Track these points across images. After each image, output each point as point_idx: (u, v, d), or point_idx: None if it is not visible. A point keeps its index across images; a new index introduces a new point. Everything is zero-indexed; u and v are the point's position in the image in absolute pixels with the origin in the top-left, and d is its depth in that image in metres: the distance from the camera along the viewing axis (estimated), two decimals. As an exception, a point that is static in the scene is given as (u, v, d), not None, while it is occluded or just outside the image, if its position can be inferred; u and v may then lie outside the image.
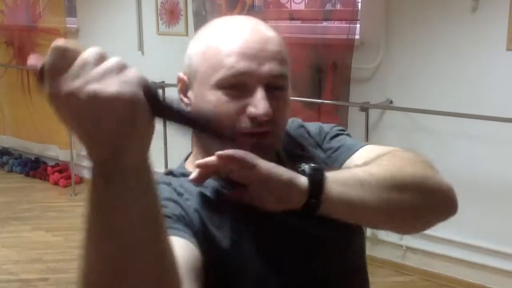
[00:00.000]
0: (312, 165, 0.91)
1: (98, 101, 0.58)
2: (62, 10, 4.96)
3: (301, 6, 3.80)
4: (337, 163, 1.04)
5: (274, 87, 0.95)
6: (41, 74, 0.61)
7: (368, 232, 3.51)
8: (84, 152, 0.62)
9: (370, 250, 3.56)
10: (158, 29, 4.42)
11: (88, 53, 0.60)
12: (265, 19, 0.98)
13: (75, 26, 5.00)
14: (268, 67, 0.93)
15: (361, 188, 0.89)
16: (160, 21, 4.39)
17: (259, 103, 0.91)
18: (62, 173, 5.25)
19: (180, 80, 1.02)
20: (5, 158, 5.69)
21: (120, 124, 0.60)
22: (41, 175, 5.35)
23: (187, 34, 4.23)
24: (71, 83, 0.59)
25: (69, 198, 4.91)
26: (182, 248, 0.81)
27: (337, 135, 1.09)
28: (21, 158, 5.70)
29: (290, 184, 0.88)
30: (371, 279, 1.16)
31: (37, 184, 5.27)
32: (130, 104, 0.59)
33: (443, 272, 3.38)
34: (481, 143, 3.17)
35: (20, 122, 5.56)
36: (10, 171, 5.58)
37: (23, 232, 4.18)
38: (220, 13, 3.91)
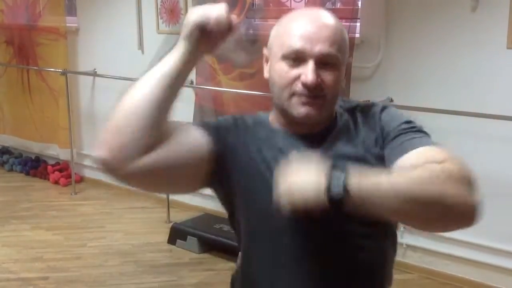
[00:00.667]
0: (339, 175, 1.03)
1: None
2: (62, 9, 4.96)
3: (301, 5, 3.80)
4: (389, 156, 1.21)
5: (325, 63, 1.18)
6: None
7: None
8: (84, 151, 0.65)
9: (371, 249, 3.55)
10: (158, 28, 4.42)
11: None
12: (277, 17, 1.29)
13: (75, 25, 5.00)
14: (318, 47, 1.18)
15: (379, 198, 1.03)
16: (160, 20, 4.39)
17: (308, 73, 1.17)
18: (62, 172, 5.25)
19: (264, 55, 1.31)
20: (5, 157, 5.69)
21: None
22: (41, 174, 5.35)
23: (187, 33, 4.22)
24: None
25: (69, 197, 4.91)
26: (195, 132, 1.22)
27: (404, 132, 1.25)
28: (21, 157, 5.70)
29: (314, 199, 1.03)
30: None
31: (37, 183, 5.27)
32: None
33: (444, 270, 3.39)
34: (482, 141, 3.17)
35: (20, 121, 5.56)
36: (10, 170, 5.58)
37: (23, 231, 4.18)
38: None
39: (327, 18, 1.23)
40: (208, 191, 1.69)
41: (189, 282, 3.41)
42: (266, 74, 1.29)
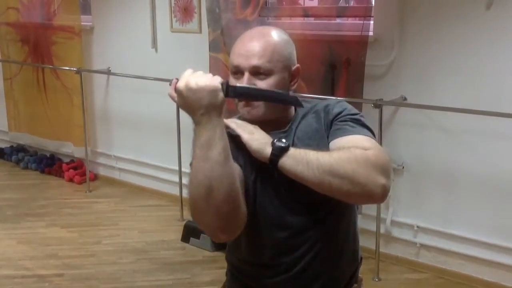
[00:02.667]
0: (284, 141, 1.39)
1: (197, 89, 1.29)
2: (76, 7, 4.98)
3: (315, 3, 3.80)
4: (329, 137, 1.48)
5: (258, 73, 1.47)
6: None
7: (382, 229, 3.50)
8: (98, 149, 0.67)
9: (384, 248, 3.55)
10: (172, 27, 4.43)
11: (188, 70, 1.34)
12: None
13: (90, 23, 5.03)
14: (249, 62, 1.46)
15: (306, 167, 1.34)
16: (174, 18, 4.40)
17: (243, 83, 1.45)
18: (77, 169, 5.29)
19: None
20: (20, 155, 5.74)
21: (210, 98, 1.30)
22: (56, 171, 5.39)
23: (200, 32, 4.23)
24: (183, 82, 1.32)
25: (83, 194, 4.94)
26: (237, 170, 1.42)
27: (344, 120, 1.48)
28: (37, 155, 5.75)
29: (258, 152, 1.41)
30: (384, 276, 1.22)
31: (52, 180, 5.31)
32: (213, 89, 1.30)
33: (458, 269, 3.37)
34: (496, 140, 3.15)
35: (36, 119, 5.61)
36: (26, 168, 5.63)
37: (38, 228, 4.22)
38: (234, 11, 3.91)
39: (262, 36, 1.50)
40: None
41: (202, 280, 3.43)
42: None
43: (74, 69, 4.87)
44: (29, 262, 3.66)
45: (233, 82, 1.47)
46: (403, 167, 3.48)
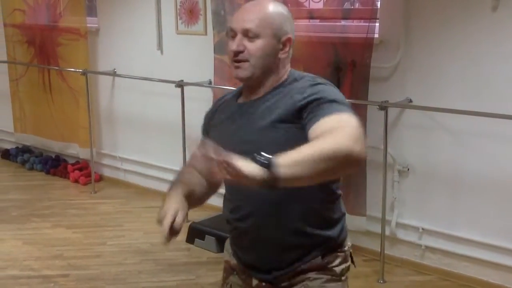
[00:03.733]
0: (267, 157, 1.29)
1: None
2: (82, 9, 5.00)
3: (320, 5, 3.79)
4: (308, 118, 1.51)
5: (248, 35, 1.60)
6: None
7: (387, 231, 3.50)
8: (103, 150, 0.68)
9: (389, 250, 3.54)
10: (177, 29, 4.44)
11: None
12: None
13: (96, 25, 5.04)
14: (241, 24, 1.61)
15: (307, 166, 1.31)
16: (179, 20, 4.41)
17: (234, 42, 1.61)
18: (82, 171, 5.30)
19: None
20: (26, 156, 5.76)
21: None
22: (62, 173, 5.41)
23: (206, 34, 4.24)
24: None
25: (89, 195, 4.96)
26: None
27: (316, 99, 1.53)
28: (42, 156, 5.77)
29: (252, 181, 1.29)
30: (389, 278, 1.21)
31: (58, 181, 5.33)
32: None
33: (463, 272, 3.36)
34: (502, 142, 3.14)
35: (41, 121, 5.62)
36: (31, 168, 5.65)
37: (44, 229, 4.23)
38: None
39: (257, 5, 1.65)
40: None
41: (207, 281, 3.43)
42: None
43: (80, 70, 4.89)
44: (35, 263, 3.67)
45: (228, 44, 1.64)
46: (408, 169, 3.48)
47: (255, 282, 1.70)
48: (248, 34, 1.60)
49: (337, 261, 1.68)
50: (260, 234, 1.65)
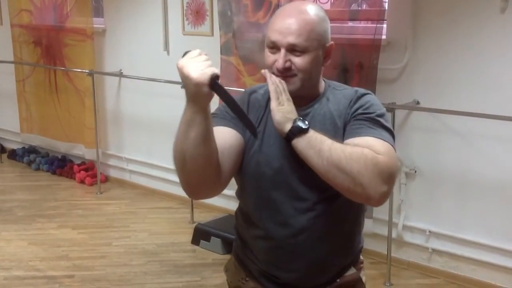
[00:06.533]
0: (306, 122, 1.45)
1: (187, 77, 1.33)
2: (89, 10, 5.01)
3: (327, 6, 3.78)
4: (346, 134, 1.51)
5: (294, 50, 1.49)
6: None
7: (394, 234, 3.48)
8: (109, 151, 0.67)
9: (396, 252, 3.52)
10: (184, 29, 4.44)
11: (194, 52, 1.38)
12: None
13: (102, 26, 5.04)
14: (287, 39, 1.48)
15: (318, 154, 1.41)
16: (186, 21, 4.41)
17: (279, 59, 1.50)
18: (88, 171, 5.30)
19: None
20: (32, 157, 5.77)
21: (195, 89, 1.32)
22: (67, 173, 5.41)
23: (212, 34, 4.23)
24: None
25: (94, 196, 4.96)
26: (228, 134, 1.52)
27: (364, 119, 1.51)
28: (48, 156, 5.78)
29: (278, 124, 1.47)
30: (395, 281, 1.22)
31: (63, 182, 5.33)
32: (198, 82, 1.32)
33: (470, 275, 3.34)
34: (510, 145, 3.12)
35: (47, 121, 5.63)
36: (37, 169, 5.66)
37: (49, 230, 4.23)
38: (245, 14, 3.91)
39: (299, 13, 1.51)
40: (231, 191, 1.70)
41: (212, 282, 3.42)
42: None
43: (86, 71, 4.89)
44: (40, 263, 3.67)
45: (269, 56, 1.53)
46: (415, 171, 3.46)
47: None
48: (294, 49, 1.49)
49: (362, 270, 1.71)
50: (311, 250, 1.56)
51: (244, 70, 3.99)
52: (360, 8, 3.79)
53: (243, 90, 1.72)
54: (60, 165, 5.54)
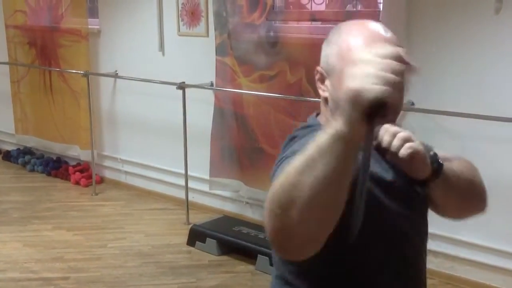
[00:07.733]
0: (436, 153, 1.38)
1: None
2: (84, 11, 5.00)
3: (322, 7, 3.79)
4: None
5: None
6: None
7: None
8: (105, 152, 0.66)
9: (391, 253, 3.52)
10: (179, 30, 4.44)
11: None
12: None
13: (97, 27, 5.03)
14: None
15: (453, 176, 1.38)
16: (181, 22, 4.40)
17: None
18: (83, 172, 5.29)
19: (318, 72, 1.28)
20: (27, 158, 5.76)
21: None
22: (63, 174, 5.40)
23: (207, 35, 4.23)
24: None
25: (90, 197, 4.95)
26: None
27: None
28: (43, 157, 5.76)
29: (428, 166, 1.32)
30: None
31: (59, 183, 5.32)
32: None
33: (465, 276, 3.34)
34: (505, 146, 3.13)
35: (42, 122, 5.62)
36: (32, 170, 5.64)
37: (44, 231, 4.22)
38: (241, 14, 3.90)
39: (385, 33, 1.29)
40: (227, 193, 1.69)
41: (208, 284, 3.41)
42: (323, 93, 1.26)
43: (81, 72, 4.88)
44: (35, 265, 3.66)
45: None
46: (410, 172, 3.46)
47: None
48: None
49: None
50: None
51: (239, 71, 3.99)
52: (355, 9, 3.79)
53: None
54: (55, 166, 5.53)
